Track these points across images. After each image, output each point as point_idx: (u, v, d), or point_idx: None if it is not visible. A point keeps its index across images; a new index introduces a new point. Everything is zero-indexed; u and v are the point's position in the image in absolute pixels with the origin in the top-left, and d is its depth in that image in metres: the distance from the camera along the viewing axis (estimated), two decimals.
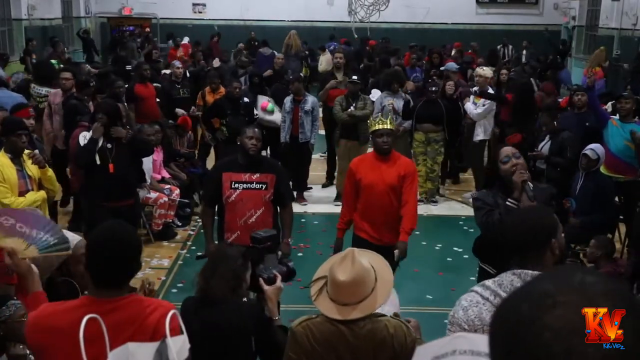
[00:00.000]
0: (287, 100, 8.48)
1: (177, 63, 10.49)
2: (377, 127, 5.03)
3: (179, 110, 9.30)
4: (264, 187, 4.76)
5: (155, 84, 10.04)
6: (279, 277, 3.30)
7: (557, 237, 2.58)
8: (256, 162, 4.79)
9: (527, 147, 7.46)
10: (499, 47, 17.83)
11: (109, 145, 5.64)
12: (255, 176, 4.76)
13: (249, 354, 3.08)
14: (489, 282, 2.50)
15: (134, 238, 2.50)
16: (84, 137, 5.67)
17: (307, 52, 17.38)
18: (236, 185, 4.74)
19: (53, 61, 12.68)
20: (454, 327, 2.49)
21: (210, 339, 3.01)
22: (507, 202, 3.80)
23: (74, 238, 3.38)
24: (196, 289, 3.16)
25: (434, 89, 8.62)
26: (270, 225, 4.83)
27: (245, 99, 8.80)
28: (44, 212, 5.20)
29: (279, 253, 4.90)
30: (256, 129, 4.94)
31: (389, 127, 5.01)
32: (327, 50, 16.10)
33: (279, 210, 4.95)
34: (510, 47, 17.79)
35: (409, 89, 9.62)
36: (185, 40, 18.61)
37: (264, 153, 6.47)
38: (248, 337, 3.04)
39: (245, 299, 3.19)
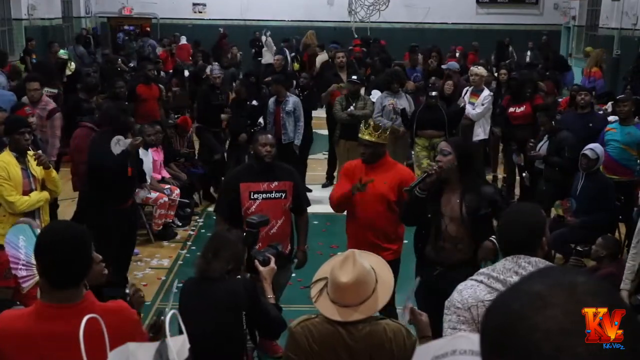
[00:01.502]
0: (271, 101, 8.44)
1: (216, 71, 9.43)
2: (359, 134, 4.80)
3: (224, 116, 8.81)
4: (283, 195, 4.65)
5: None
6: (273, 259, 3.51)
7: (546, 234, 2.68)
8: (272, 169, 4.68)
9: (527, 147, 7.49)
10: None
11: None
12: (273, 184, 4.63)
13: (240, 328, 3.26)
14: (482, 270, 2.61)
15: (83, 235, 2.42)
16: (117, 142, 5.33)
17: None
18: (255, 195, 4.59)
19: (62, 52, 12.69)
20: (450, 309, 2.57)
21: (205, 314, 3.21)
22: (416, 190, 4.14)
23: None
24: (195, 269, 3.38)
25: (434, 94, 8.50)
26: (288, 235, 4.77)
27: (255, 102, 8.80)
28: (44, 213, 5.23)
29: (295, 261, 4.90)
30: (269, 135, 4.79)
31: (367, 139, 4.71)
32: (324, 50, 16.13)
33: (294, 217, 4.87)
34: (511, 48, 17.77)
35: (409, 89, 9.61)
36: (183, 40, 18.56)
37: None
38: (239, 311, 3.23)
39: (239, 277, 3.37)
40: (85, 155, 5.86)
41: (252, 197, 4.59)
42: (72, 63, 11.91)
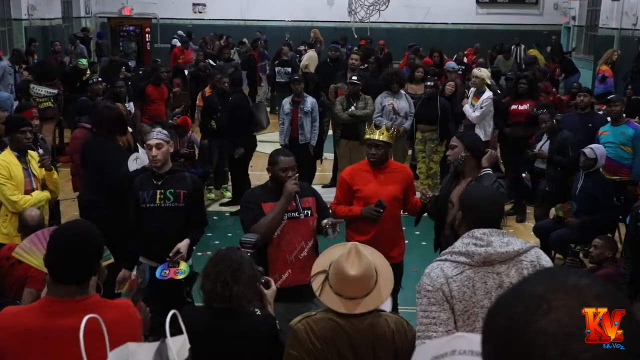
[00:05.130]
0: (286, 101, 8.44)
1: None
2: (367, 135, 4.68)
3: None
4: (309, 213, 4.12)
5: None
6: (272, 281, 3.27)
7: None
8: None
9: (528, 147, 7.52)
10: (512, 47, 17.80)
11: None
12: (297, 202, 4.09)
13: None
14: (443, 251, 2.74)
15: (96, 236, 2.47)
16: (135, 159, 5.17)
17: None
18: (288, 214, 4.05)
19: (83, 60, 12.77)
20: (420, 293, 2.64)
21: (231, 352, 2.87)
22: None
23: None
24: (210, 296, 2.87)
25: (429, 83, 8.65)
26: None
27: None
28: (44, 213, 5.22)
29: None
30: (289, 157, 4.14)
31: (379, 138, 4.62)
32: (313, 48, 16.21)
33: None
34: (523, 46, 17.72)
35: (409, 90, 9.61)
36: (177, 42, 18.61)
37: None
38: (266, 347, 2.94)
39: (257, 311, 3.02)
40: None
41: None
42: (88, 71, 12.02)
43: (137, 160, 5.16)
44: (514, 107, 8.44)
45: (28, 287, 3.92)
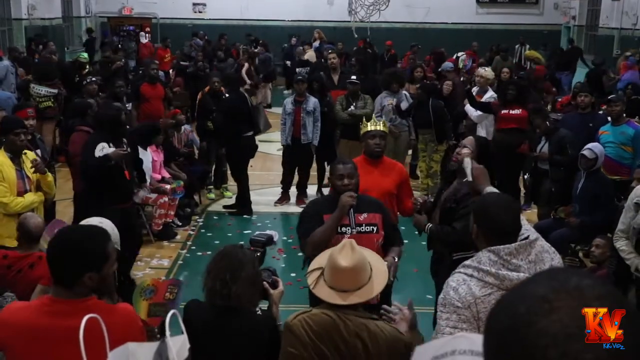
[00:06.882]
0: (288, 101, 8.44)
1: None
2: (370, 128, 4.77)
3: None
4: (374, 229, 3.96)
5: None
6: (280, 282, 3.24)
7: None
8: (357, 201, 3.93)
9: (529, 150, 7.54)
10: (516, 46, 17.79)
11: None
12: (362, 217, 3.95)
13: None
14: (467, 262, 2.61)
15: (89, 245, 2.42)
16: (101, 149, 5.43)
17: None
18: (344, 229, 3.89)
19: (84, 54, 12.77)
20: (447, 307, 2.55)
21: (230, 351, 2.86)
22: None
23: None
24: (211, 294, 2.87)
25: (417, 85, 8.72)
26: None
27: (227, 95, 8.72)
28: (39, 214, 5.20)
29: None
30: (348, 164, 4.06)
31: (382, 129, 4.76)
32: (312, 46, 16.32)
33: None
34: (527, 46, 17.71)
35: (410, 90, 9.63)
36: (143, 39, 18.77)
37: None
38: (265, 347, 2.92)
39: (258, 311, 3.00)
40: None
41: (339, 230, 3.89)
42: (88, 66, 12.04)
43: (104, 149, 5.44)
44: (504, 111, 7.94)
45: (40, 284, 3.91)
